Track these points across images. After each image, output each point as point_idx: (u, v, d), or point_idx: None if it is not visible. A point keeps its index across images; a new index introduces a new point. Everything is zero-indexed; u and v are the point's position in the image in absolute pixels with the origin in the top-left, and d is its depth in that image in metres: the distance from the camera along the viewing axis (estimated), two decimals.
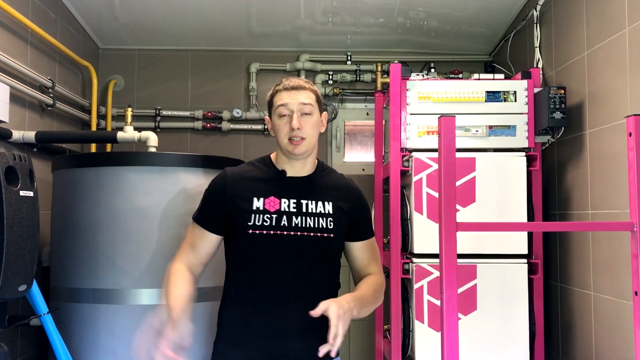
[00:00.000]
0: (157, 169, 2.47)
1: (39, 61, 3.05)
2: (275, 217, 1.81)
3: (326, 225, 1.83)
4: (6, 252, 1.89)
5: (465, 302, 2.68)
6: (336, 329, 1.60)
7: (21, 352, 2.84)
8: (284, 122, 1.84)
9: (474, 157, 2.76)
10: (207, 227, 1.86)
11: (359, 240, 1.92)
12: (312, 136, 1.88)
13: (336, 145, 4.00)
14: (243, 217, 1.81)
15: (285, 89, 1.87)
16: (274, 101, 1.88)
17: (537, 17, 3.10)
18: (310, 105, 1.86)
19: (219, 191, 1.88)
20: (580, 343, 2.64)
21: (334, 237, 1.84)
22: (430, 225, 2.73)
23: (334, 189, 1.91)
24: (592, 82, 2.55)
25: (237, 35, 3.78)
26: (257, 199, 1.83)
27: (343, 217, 1.87)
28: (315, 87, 1.93)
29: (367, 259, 1.94)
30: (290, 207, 1.84)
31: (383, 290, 1.92)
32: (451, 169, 1.60)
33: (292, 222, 1.82)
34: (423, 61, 3.90)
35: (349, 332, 3.82)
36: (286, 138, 1.83)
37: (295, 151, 1.83)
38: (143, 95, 3.95)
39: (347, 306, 1.67)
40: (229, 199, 1.85)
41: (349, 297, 1.72)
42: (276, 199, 1.84)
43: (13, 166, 1.96)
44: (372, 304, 1.85)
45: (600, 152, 2.48)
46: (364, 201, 1.96)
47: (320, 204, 1.86)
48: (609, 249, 2.39)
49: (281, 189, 1.86)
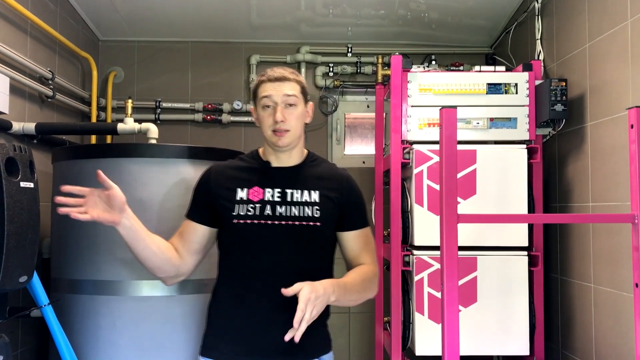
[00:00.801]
0: (158, 160, 2.46)
1: (39, 52, 3.04)
2: (259, 207, 1.81)
3: (312, 214, 1.81)
4: (7, 243, 1.89)
5: (466, 294, 2.69)
6: (302, 313, 1.56)
7: (22, 343, 2.85)
8: (267, 114, 1.83)
9: (474, 149, 2.75)
10: (195, 219, 1.87)
11: (350, 229, 1.89)
12: (297, 128, 1.85)
13: (336, 138, 3.99)
14: (227, 207, 1.82)
15: (269, 80, 1.85)
16: (258, 92, 1.87)
17: (539, 9, 3.09)
18: (294, 97, 1.84)
19: (204, 184, 1.91)
20: (580, 335, 2.65)
21: (320, 225, 1.82)
22: (431, 218, 2.72)
23: (322, 178, 1.90)
24: (594, 75, 2.55)
25: (238, 27, 3.77)
26: (241, 190, 1.84)
27: (331, 206, 1.85)
28: (300, 78, 1.90)
29: (359, 249, 1.90)
30: (275, 196, 1.83)
31: (375, 281, 1.89)
32: (452, 161, 1.60)
33: (277, 211, 1.81)
34: (424, 53, 3.89)
35: (348, 323, 3.84)
36: (270, 130, 1.83)
37: (279, 143, 1.83)
38: (143, 87, 3.94)
39: (322, 291, 1.62)
40: (213, 190, 1.86)
41: (329, 282, 1.68)
42: (260, 188, 1.84)
43: (13, 157, 1.95)
44: (359, 292, 1.81)
45: (601, 144, 2.48)
46: (356, 190, 1.94)
47: (306, 193, 1.84)
48: (610, 241, 2.39)
49: (266, 179, 1.86)
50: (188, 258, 1.87)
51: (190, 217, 1.89)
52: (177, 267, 1.85)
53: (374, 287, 1.89)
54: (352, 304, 1.82)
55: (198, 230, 1.87)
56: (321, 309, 1.62)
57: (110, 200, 1.68)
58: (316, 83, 3.92)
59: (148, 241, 1.77)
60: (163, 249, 1.81)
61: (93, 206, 1.66)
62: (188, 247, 1.87)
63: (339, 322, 3.85)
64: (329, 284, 1.67)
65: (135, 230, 1.73)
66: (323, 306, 1.63)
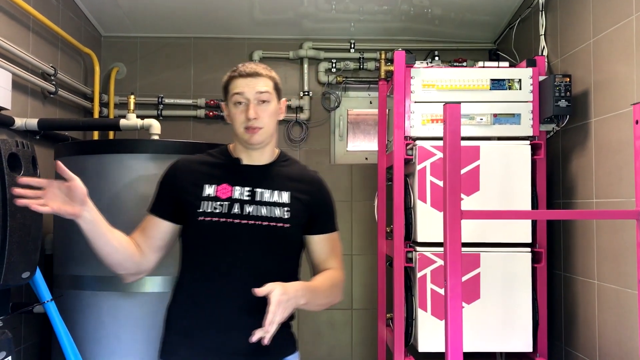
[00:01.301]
0: (160, 156, 2.46)
1: (41, 48, 3.03)
2: (227, 205, 1.74)
3: (281, 215, 1.76)
4: (9, 239, 1.89)
5: (469, 291, 2.68)
6: (273, 315, 1.52)
7: (25, 339, 2.85)
8: (239, 111, 1.77)
9: (478, 145, 2.74)
10: (158, 214, 1.80)
11: (319, 233, 1.83)
12: (270, 125, 1.79)
13: (339, 134, 3.99)
14: (193, 203, 1.75)
15: (241, 75, 1.78)
16: (229, 88, 1.81)
17: (543, 5, 3.07)
18: (267, 93, 1.78)
19: (169, 177, 1.84)
20: (583, 332, 2.64)
21: (289, 227, 1.76)
22: (434, 214, 2.72)
23: (293, 179, 1.83)
24: (598, 70, 2.53)
25: (240, 23, 3.76)
26: (209, 186, 1.77)
27: (301, 209, 1.79)
28: (273, 74, 1.83)
29: (326, 253, 1.84)
30: (244, 195, 1.76)
31: (341, 287, 1.84)
32: (456, 157, 1.59)
33: (245, 210, 1.74)
34: (427, 49, 3.88)
35: (351, 320, 3.84)
36: (242, 127, 1.77)
37: (252, 140, 1.77)
38: (145, 83, 3.93)
39: (293, 294, 1.58)
40: (179, 185, 1.79)
41: (299, 284, 1.64)
42: (229, 186, 1.78)
43: (16, 153, 1.95)
44: (327, 298, 1.77)
45: (605, 140, 2.46)
46: (326, 194, 1.88)
47: (276, 193, 1.78)
48: (613, 237, 2.38)
49: (235, 176, 1.80)
50: (150, 255, 1.78)
51: (154, 212, 1.81)
52: (138, 264, 1.77)
53: (340, 293, 1.83)
54: (319, 308, 1.77)
55: (161, 226, 1.79)
56: (290, 312, 1.59)
57: (71, 192, 1.58)
58: (319, 79, 3.91)
59: (109, 236, 1.68)
60: (125, 244, 1.72)
61: (53, 198, 1.56)
62: (150, 244, 1.78)
63: (342, 319, 3.85)
64: (300, 286, 1.63)
65: (96, 224, 1.64)
66: (292, 309, 1.59)
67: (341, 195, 3.88)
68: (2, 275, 1.89)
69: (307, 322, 3.82)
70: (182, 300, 1.77)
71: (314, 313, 3.79)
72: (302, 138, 3.92)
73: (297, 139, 3.91)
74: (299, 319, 3.80)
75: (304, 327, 3.80)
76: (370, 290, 3.82)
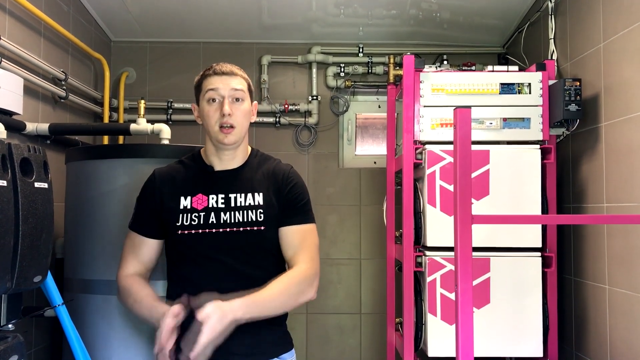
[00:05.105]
0: (171, 161, 2.46)
1: (52, 54, 3.06)
2: (204, 215, 1.76)
3: (256, 218, 1.76)
4: (21, 243, 1.89)
5: (479, 296, 2.67)
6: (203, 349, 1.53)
7: (36, 342, 2.87)
8: (214, 109, 1.77)
9: (487, 149, 2.74)
10: (143, 233, 1.82)
11: (287, 225, 1.80)
12: (243, 125, 1.80)
13: (347, 138, 3.99)
14: (172, 217, 1.77)
15: (216, 73, 1.80)
16: (202, 86, 1.81)
17: (552, 8, 3.07)
18: (242, 92, 1.79)
19: (149, 194, 1.85)
20: (594, 337, 2.62)
21: (264, 229, 1.77)
22: (444, 218, 2.71)
23: (265, 178, 1.83)
24: (608, 74, 2.52)
25: (249, 27, 3.78)
26: (185, 198, 1.78)
27: (274, 206, 1.79)
28: (246, 75, 1.85)
29: (295, 247, 1.80)
30: (219, 202, 1.77)
31: (310, 283, 1.76)
32: (467, 161, 1.59)
33: (221, 218, 1.75)
34: (435, 53, 3.88)
35: (359, 324, 3.83)
36: (217, 125, 1.77)
37: (225, 140, 1.77)
38: (155, 87, 3.95)
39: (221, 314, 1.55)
40: (158, 200, 1.81)
41: (239, 302, 1.61)
42: (204, 195, 1.78)
43: (28, 158, 1.96)
44: (283, 302, 1.71)
45: (616, 144, 2.45)
46: (297, 185, 1.85)
47: (250, 196, 1.78)
48: (624, 242, 2.37)
49: (209, 184, 1.80)
50: (151, 270, 1.87)
51: (139, 231, 1.83)
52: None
53: (310, 288, 1.77)
54: (278, 312, 1.73)
55: (148, 244, 1.82)
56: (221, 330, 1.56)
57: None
58: (327, 83, 3.92)
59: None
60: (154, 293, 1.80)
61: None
62: (146, 265, 1.84)
63: (350, 323, 3.85)
64: (239, 305, 1.60)
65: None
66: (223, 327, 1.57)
67: (350, 199, 3.88)
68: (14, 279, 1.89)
69: (316, 327, 3.81)
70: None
71: (322, 317, 3.79)
72: (311, 142, 3.92)
73: (305, 143, 3.92)
74: (307, 323, 3.80)
75: (312, 331, 3.80)
76: (379, 294, 3.81)
